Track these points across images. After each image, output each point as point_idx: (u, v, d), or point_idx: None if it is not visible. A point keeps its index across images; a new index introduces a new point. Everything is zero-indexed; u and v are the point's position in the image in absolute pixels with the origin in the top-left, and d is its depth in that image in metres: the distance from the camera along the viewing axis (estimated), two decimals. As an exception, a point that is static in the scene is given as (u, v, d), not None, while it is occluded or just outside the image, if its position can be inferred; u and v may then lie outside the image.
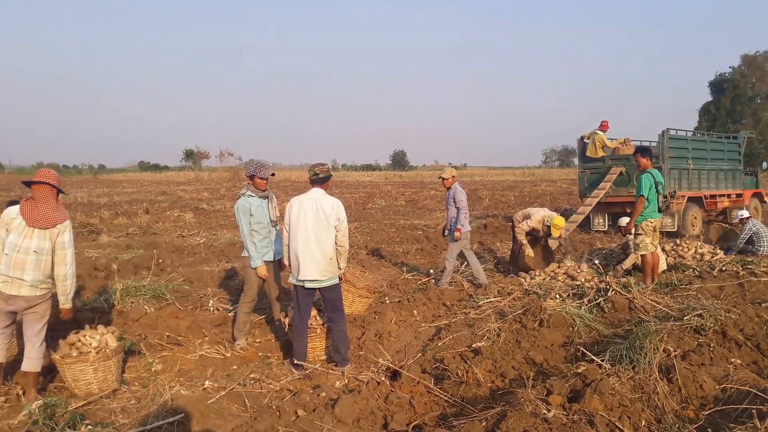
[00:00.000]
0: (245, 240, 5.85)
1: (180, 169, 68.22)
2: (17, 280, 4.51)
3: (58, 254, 4.61)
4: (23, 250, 4.51)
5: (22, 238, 4.52)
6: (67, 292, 4.68)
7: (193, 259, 10.66)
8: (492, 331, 5.51)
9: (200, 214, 18.14)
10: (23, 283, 4.52)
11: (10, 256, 4.50)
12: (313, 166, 5.30)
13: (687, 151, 13.11)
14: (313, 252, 5.10)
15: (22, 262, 4.50)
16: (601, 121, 13.58)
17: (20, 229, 4.53)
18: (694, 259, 9.09)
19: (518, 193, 28.85)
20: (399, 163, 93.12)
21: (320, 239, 5.10)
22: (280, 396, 4.66)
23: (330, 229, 5.13)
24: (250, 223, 5.82)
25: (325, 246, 5.12)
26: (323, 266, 5.13)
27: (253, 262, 5.84)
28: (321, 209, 5.11)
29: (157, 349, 5.83)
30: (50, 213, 4.59)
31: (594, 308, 6.12)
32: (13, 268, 4.50)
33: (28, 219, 4.53)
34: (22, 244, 4.51)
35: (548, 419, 3.45)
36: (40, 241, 4.55)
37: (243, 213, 5.82)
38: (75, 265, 4.75)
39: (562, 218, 8.90)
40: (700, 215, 13.32)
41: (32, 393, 4.65)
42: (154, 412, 4.19)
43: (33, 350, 4.68)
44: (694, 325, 4.99)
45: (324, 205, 5.13)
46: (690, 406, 3.91)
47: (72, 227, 4.74)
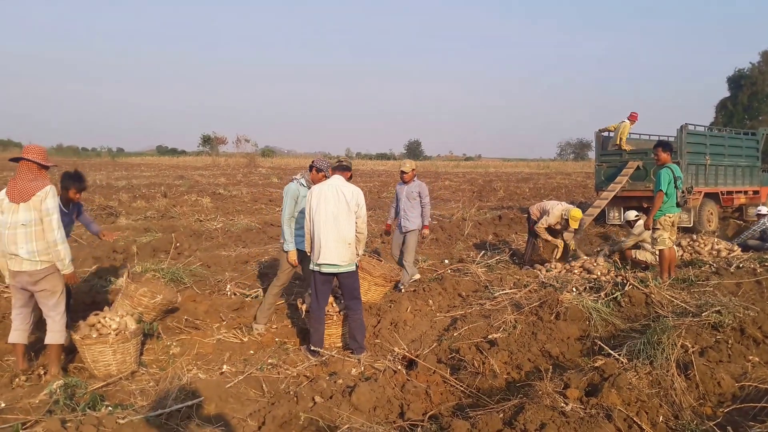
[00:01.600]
0: (283, 222, 5.95)
1: (197, 154, 68.54)
2: (15, 256, 4.62)
3: (44, 221, 4.63)
4: (12, 226, 4.61)
5: (10, 214, 4.62)
6: (61, 257, 4.70)
7: (210, 243, 10.75)
8: (508, 322, 5.51)
9: (217, 199, 18.24)
10: (22, 259, 4.61)
11: (2, 233, 4.63)
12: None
13: (705, 147, 12.98)
14: (333, 236, 5.16)
15: (13, 237, 4.60)
16: (631, 113, 13.45)
17: (9, 207, 4.63)
18: (711, 255, 9.02)
19: (533, 186, 28.70)
20: (413, 153, 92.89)
21: (340, 224, 5.17)
22: (297, 382, 4.71)
23: (350, 215, 5.20)
24: (294, 210, 5.91)
25: (345, 230, 5.18)
26: (343, 251, 5.18)
27: (286, 245, 5.94)
28: (341, 194, 5.21)
29: (175, 332, 5.91)
30: (26, 185, 4.63)
31: (611, 302, 6.09)
32: (8, 245, 4.62)
33: (9, 195, 4.64)
34: (11, 219, 4.61)
35: (566, 413, 3.46)
36: (26, 213, 4.61)
37: (291, 197, 5.92)
38: (63, 230, 4.75)
39: (580, 210, 8.86)
40: (716, 211, 13.20)
41: (55, 367, 4.74)
42: (173, 395, 4.25)
43: (54, 324, 4.78)
44: (712, 322, 4.95)
45: (344, 191, 5.22)
46: (707, 402, 3.90)
47: (56, 194, 4.73)
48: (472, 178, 35.02)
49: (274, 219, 14.28)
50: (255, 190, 22.07)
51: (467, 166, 63.74)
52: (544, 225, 8.79)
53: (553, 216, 8.73)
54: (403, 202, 7.72)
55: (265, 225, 13.14)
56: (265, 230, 12.43)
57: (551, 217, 8.73)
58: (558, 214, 8.71)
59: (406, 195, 7.72)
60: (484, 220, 14.34)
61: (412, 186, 7.75)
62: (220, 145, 63.94)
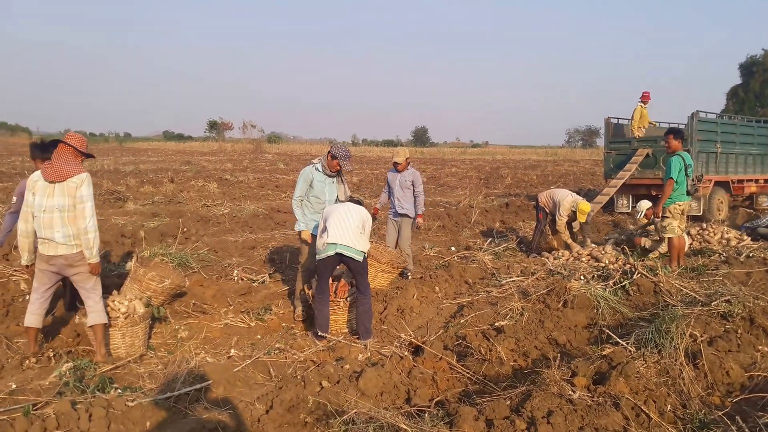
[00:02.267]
0: (294, 204, 6.15)
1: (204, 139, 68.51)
2: (51, 241, 4.62)
3: (77, 208, 4.65)
4: (48, 209, 4.61)
5: (46, 197, 4.62)
6: (90, 245, 4.70)
7: (217, 228, 10.78)
8: (515, 310, 5.50)
9: (224, 185, 18.26)
10: (57, 243, 4.62)
11: (39, 217, 4.62)
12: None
13: (716, 135, 12.83)
14: (348, 221, 5.33)
15: (49, 221, 4.61)
16: (642, 93, 13.28)
17: (43, 189, 4.63)
18: (720, 244, 8.95)
19: (540, 173, 28.54)
20: (420, 140, 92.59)
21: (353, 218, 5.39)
22: (304, 366, 4.73)
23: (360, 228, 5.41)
24: (308, 194, 6.07)
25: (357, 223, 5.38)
26: (357, 236, 5.30)
27: (297, 225, 6.12)
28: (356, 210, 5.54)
29: (183, 316, 5.94)
30: (63, 166, 4.64)
31: (619, 290, 6.07)
32: (43, 229, 4.61)
33: (44, 174, 4.63)
34: (47, 203, 4.61)
35: (573, 400, 3.46)
36: (61, 198, 4.62)
37: (304, 180, 6.09)
38: (95, 219, 4.77)
39: (588, 203, 8.82)
40: (726, 200, 13.09)
41: (103, 347, 4.77)
42: (181, 378, 4.27)
43: (94, 304, 4.79)
44: (722, 311, 4.92)
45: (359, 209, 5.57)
46: (716, 392, 3.89)
47: (91, 182, 4.76)
48: (479, 165, 34.90)
49: (280, 205, 14.29)
50: (261, 176, 22.07)
51: (474, 152, 63.49)
52: (563, 220, 8.75)
53: (564, 209, 8.68)
54: (396, 190, 7.54)
55: (272, 211, 13.15)
56: (272, 216, 12.44)
57: (563, 210, 8.68)
58: (568, 207, 8.67)
59: (399, 184, 7.52)
60: (491, 208, 14.29)
61: (405, 174, 7.52)
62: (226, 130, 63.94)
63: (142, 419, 3.68)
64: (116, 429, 3.53)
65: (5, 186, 15.38)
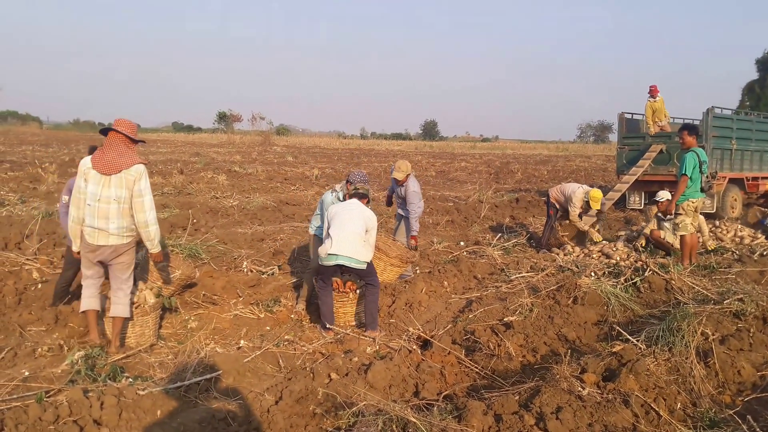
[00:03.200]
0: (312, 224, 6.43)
1: (213, 131, 68.71)
2: (103, 231, 4.55)
3: (136, 201, 4.60)
4: (104, 199, 4.53)
5: (101, 187, 4.54)
6: (151, 237, 4.72)
7: (226, 220, 10.82)
8: (524, 305, 5.49)
9: (233, 177, 18.31)
10: (109, 233, 4.57)
11: (93, 206, 4.53)
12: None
13: (731, 131, 12.69)
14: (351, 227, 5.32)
15: (105, 211, 4.53)
16: (649, 87, 13.10)
17: (97, 179, 4.54)
18: (733, 242, 8.88)
19: (551, 168, 28.42)
20: (429, 134, 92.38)
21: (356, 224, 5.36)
22: (313, 358, 4.74)
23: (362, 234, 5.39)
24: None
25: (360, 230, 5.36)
26: (359, 246, 5.30)
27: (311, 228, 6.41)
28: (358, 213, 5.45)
29: (193, 306, 5.97)
30: (116, 158, 4.57)
31: (630, 287, 6.03)
32: (97, 218, 4.53)
33: (95, 165, 4.54)
34: (102, 193, 4.53)
35: (582, 397, 3.45)
36: (118, 190, 4.55)
37: (325, 206, 5.99)
38: (155, 211, 4.77)
39: (599, 191, 8.77)
40: (740, 197, 12.96)
41: (118, 340, 4.78)
42: (191, 368, 4.30)
43: (123, 297, 4.79)
44: (734, 310, 4.87)
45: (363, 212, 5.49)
46: (727, 391, 3.86)
47: (147, 175, 4.73)
48: (489, 160, 34.77)
49: (288, 198, 14.32)
50: (270, 169, 22.11)
51: (484, 147, 63.29)
52: (576, 212, 8.69)
53: (577, 201, 8.63)
54: (397, 198, 7.46)
55: (281, 203, 13.18)
56: (281, 209, 12.47)
57: (576, 202, 8.63)
58: (581, 197, 8.62)
59: (398, 194, 7.37)
60: (500, 203, 14.25)
61: (404, 188, 7.16)
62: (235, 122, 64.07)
63: (153, 408, 3.72)
64: (127, 417, 3.57)
65: (17, 175, 15.50)
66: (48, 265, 6.81)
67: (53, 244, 7.92)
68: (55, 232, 8.50)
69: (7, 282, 6.18)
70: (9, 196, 12.03)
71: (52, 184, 13.96)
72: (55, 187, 13.80)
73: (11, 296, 5.87)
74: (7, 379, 4.11)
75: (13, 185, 13.85)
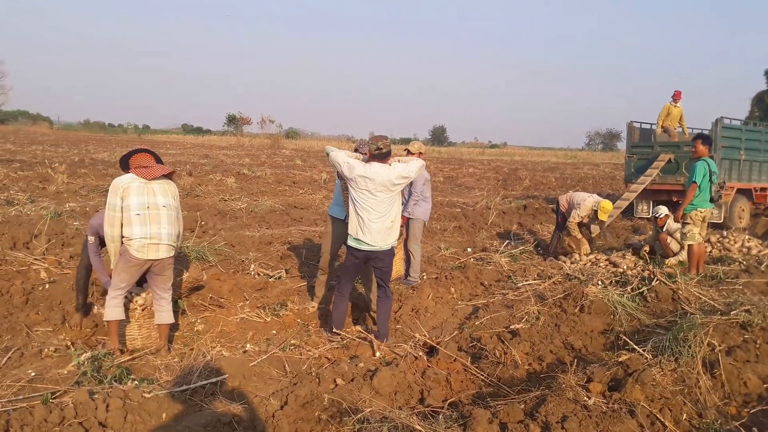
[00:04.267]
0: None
1: (222, 133, 68.97)
2: (154, 241, 4.61)
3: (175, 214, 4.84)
4: (153, 206, 4.63)
5: (145, 196, 4.62)
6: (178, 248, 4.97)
7: (234, 223, 10.85)
8: (531, 313, 5.48)
9: (242, 180, 18.37)
10: (160, 243, 4.64)
11: (143, 215, 4.58)
12: (376, 139, 5.00)
13: (740, 141, 12.66)
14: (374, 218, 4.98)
15: (156, 216, 4.63)
16: (674, 91, 13.02)
17: (141, 189, 4.63)
18: (741, 253, 8.83)
19: (559, 175, 28.35)
20: (438, 139, 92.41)
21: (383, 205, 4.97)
22: (319, 363, 4.74)
23: (394, 198, 5.02)
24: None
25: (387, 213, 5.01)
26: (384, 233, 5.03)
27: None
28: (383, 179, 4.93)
29: (200, 309, 5.99)
30: (157, 167, 4.80)
31: (636, 297, 6.01)
32: (150, 225, 4.59)
33: (139, 173, 4.66)
34: (149, 200, 4.63)
35: (588, 406, 3.44)
36: (163, 198, 4.71)
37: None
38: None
39: (610, 202, 8.73)
40: (748, 208, 12.91)
41: (165, 343, 4.94)
42: (197, 371, 4.32)
43: (166, 304, 4.94)
44: (741, 321, 4.85)
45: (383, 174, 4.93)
46: (732, 402, 3.85)
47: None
48: (497, 166, 34.75)
49: (297, 201, 14.36)
50: (279, 172, 22.17)
51: (492, 153, 63.21)
52: (575, 220, 8.66)
53: (584, 209, 8.59)
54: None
55: (289, 207, 13.21)
56: (289, 212, 12.50)
57: (582, 210, 8.59)
58: (589, 207, 8.59)
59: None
60: (508, 210, 14.22)
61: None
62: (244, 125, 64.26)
63: (159, 411, 3.73)
64: (133, 420, 3.58)
65: (26, 174, 15.61)
66: (56, 266, 6.86)
67: (61, 244, 7.98)
68: (63, 232, 8.56)
69: (15, 282, 6.22)
70: (18, 195, 12.11)
71: (61, 185, 14.05)
72: (65, 187, 13.90)
73: (19, 296, 5.91)
74: (14, 379, 4.14)
75: (22, 184, 13.95)
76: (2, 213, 9.76)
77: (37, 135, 46.69)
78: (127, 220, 4.57)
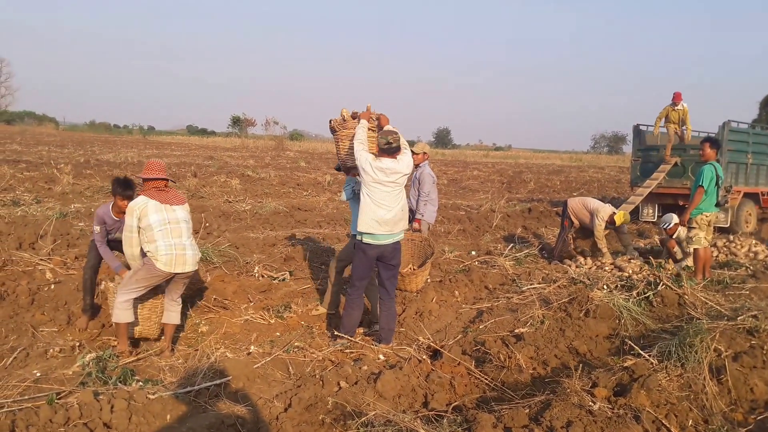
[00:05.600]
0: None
1: (227, 135, 69.14)
2: (180, 251, 4.70)
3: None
4: (173, 221, 4.75)
5: (166, 212, 4.75)
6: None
7: (238, 225, 10.86)
8: (536, 317, 5.46)
9: (246, 181, 18.40)
10: (186, 255, 4.74)
11: (164, 230, 4.69)
12: (385, 134, 4.98)
13: (747, 145, 12.58)
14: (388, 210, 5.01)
15: (177, 230, 4.75)
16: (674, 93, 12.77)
17: (159, 207, 4.73)
18: (747, 258, 8.79)
19: (564, 178, 28.28)
20: (442, 141, 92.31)
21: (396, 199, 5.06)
22: (323, 366, 4.74)
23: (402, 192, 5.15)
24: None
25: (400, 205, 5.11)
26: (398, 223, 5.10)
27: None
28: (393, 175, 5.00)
29: (204, 310, 6.00)
30: (176, 195, 4.93)
31: (642, 301, 5.98)
32: (172, 237, 4.70)
33: (163, 200, 4.76)
34: (169, 216, 4.75)
35: (593, 411, 3.42)
36: (183, 213, 4.86)
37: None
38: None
39: (627, 214, 8.81)
40: (755, 212, 12.84)
41: (170, 343, 5.00)
42: (201, 373, 4.32)
43: (177, 306, 5.02)
44: (748, 326, 4.82)
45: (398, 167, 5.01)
46: (739, 408, 3.82)
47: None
48: (501, 169, 34.68)
49: (301, 203, 14.37)
50: (283, 174, 22.19)
51: (497, 156, 63.15)
52: (602, 229, 8.70)
53: (605, 213, 8.64)
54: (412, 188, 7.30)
55: (293, 209, 13.22)
56: (293, 214, 12.51)
57: (603, 214, 8.63)
58: (609, 213, 8.65)
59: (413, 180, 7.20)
60: (513, 213, 14.20)
61: (417, 171, 7.14)
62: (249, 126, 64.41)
63: (163, 412, 3.73)
64: (137, 421, 3.59)
65: (32, 175, 15.67)
66: (61, 266, 6.88)
67: (67, 244, 8.00)
68: (68, 233, 8.59)
69: (21, 282, 6.24)
70: (24, 195, 12.16)
71: (67, 185, 14.11)
72: (70, 188, 13.95)
73: (24, 296, 5.92)
74: (19, 379, 4.15)
75: (28, 185, 14.01)
76: (8, 213, 9.80)
77: (42, 135, 46.87)
78: (150, 238, 4.66)
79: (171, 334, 5.02)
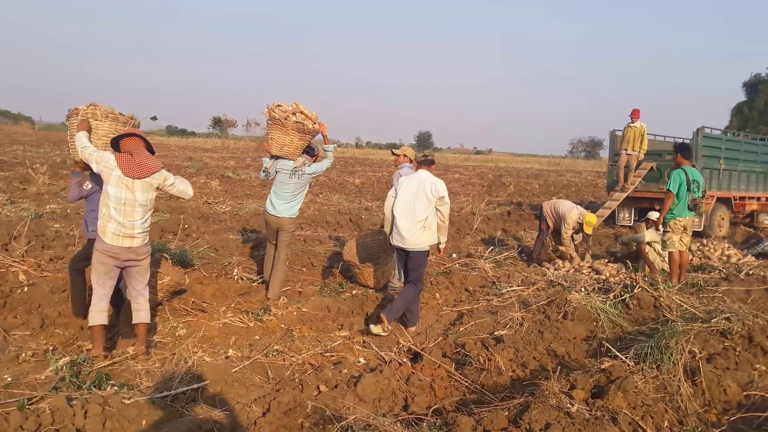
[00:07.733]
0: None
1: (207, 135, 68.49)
2: (128, 232, 4.62)
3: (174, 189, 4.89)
4: (129, 203, 4.61)
5: (124, 190, 4.60)
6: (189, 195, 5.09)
7: (218, 226, 10.76)
8: (515, 320, 5.50)
9: (226, 183, 18.25)
10: (134, 232, 4.65)
11: (119, 209, 4.59)
12: (424, 152, 6.28)
13: (720, 151, 12.86)
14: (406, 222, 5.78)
15: (131, 213, 4.62)
16: (632, 110, 12.72)
17: (119, 182, 4.59)
18: (720, 261, 8.95)
19: (543, 182, 28.56)
20: (424, 144, 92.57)
21: (416, 212, 5.77)
22: (302, 369, 4.71)
23: (428, 205, 5.80)
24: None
25: (418, 218, 5.76)
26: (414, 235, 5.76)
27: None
28: (423, 186, 5.81)
29: (182, 313, 5.93)
30: (145, 161, 4.67)
31: (619, 304, 6.06)
32: (124, 217, 4.59)
33: (124, 169, 4.59)
34: (126, 196, 4.61)
35: (571, 413, 3.45)
36: (144, 194, 4.68)
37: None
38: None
39: (595, 216, 8.82)
40: (727, 216, 13.11)
41: (143, 345, 4.87)
42: (178, 377, 4.26)
43: (144, 303, 4.89)
44: (721, 329, 4.91)
45: (426, 183, 5.83)
46: (713, 409, 3.89)
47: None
48: (482, 172, 34.89)
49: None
50: (264, 175, 22.05)
51: (478, 159, 63.44)
52: (568, 234, 8.75)
53: (570, 221, 8.67)
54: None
55: (274, 210, 13.12)
56: (273, 216, 12.41)
57: (569, 222, 8.67)
58: (575, 219, 8.66)
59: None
60: (493, 215, 14.29)
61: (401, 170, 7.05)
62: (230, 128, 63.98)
63: (138, 417, 3.67)
64: (111, 427, 3.52)
65: (6, 175, 15.38)
66: (35, 268, 6.74)
67: (41, 246, 7.85)
68: (43, 234, 8.43)
69: (-7, 284, 6.11)
70: (-2, 196, 11.92)
71: (42, 186, 13.86)
72: (46, 188, 13.71)
73: (-3, 299, 5.80)
74: (-10, 384, 4.06)
75: (2, 185, 13.73)
76: (-20, 214, 9.59)
77: (18, 135, 45.98)
78: (105, 202, 4.60)
79: (143, 335, 4.89)
